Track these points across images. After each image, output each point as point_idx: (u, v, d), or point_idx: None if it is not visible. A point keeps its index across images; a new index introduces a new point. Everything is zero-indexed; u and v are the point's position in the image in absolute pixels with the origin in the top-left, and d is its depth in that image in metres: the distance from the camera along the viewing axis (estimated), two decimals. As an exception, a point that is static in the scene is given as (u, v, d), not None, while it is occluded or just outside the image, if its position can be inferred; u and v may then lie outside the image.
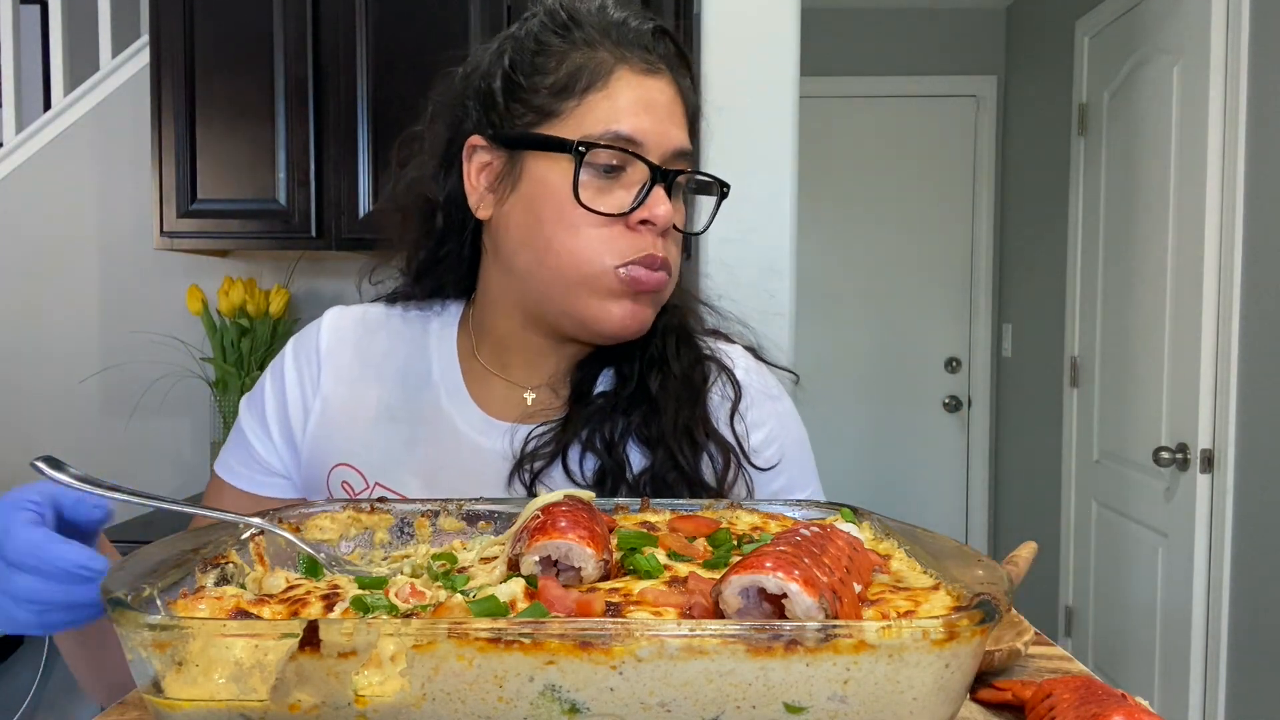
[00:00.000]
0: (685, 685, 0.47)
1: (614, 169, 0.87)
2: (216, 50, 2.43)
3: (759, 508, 0.77)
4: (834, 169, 4.18)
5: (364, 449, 0.96)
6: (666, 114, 0.89)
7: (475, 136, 0.92)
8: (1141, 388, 2.85)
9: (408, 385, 0.98)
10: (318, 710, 0.48)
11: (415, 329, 1.01)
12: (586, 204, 0.86)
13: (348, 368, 0.99)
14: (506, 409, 0.96)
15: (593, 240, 0.87)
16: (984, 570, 0.56)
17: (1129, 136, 2.96)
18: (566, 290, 0.89)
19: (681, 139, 0.91)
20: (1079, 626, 3.35)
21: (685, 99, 0.93)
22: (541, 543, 0.60)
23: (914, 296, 4.31)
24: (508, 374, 0.98)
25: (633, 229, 0.88)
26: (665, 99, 0.90)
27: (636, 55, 0.89)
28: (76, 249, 2.77)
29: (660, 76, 0.91)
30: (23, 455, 0.83)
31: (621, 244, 0.87)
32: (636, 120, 0.87)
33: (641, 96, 0.88)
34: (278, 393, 0.99)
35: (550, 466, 0.91)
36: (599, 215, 0.87)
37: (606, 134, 0.87)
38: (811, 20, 2.30)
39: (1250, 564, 2.37)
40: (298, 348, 1.01)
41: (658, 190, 0.87)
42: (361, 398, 0.97)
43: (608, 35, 0.89)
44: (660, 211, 0.87)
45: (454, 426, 0.96)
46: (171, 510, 0.67)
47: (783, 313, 2.00)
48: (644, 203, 0.87)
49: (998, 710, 0.62)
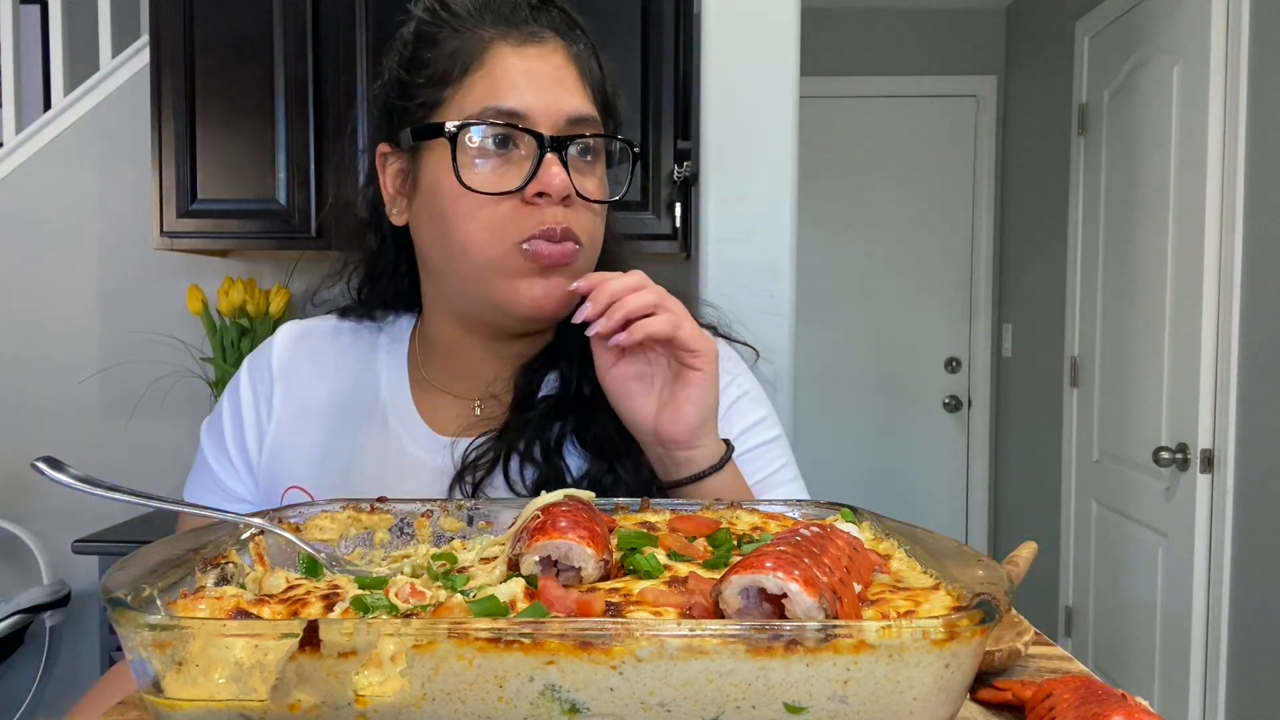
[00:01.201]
0: (685, 685, 0.47)
1: (503, 145, 0.85)
2: (216, 50, 2.43)
3: (759, 508, 0.77)
4: (834, 169, 4.18)
5: (314, 469, 0.95)
6: (553, 81, 0.87)
7: (383, 144, 0.93)
8: (1141, 388, 2.85)
9: (356, 404, 0.98)
10: (318, 710, 0.48)
11: (365, 344, 1.01)
12: (473, 186, 0.85)
13: (300, 386, 0.99)
14: (454, 423, 0.95)
15: (490, 221, 0.85)
16: (984, 570, 0.56)
17: (1129, 136, 2.96)
18: (477, 278, 0.88)
19: (576, 105, 0.87)
20: (1079, 626, 3.35)
21: (579, 64, 0.90)
22: (541, 543, 0.60)
23: (914, 296, 4.31)
24: (455, 386, 0.97)
25: (530, 203, 0.85)
26: (550, 67, 0.87)
27: (513, 28, 0.88)
28: (76, 249, 2.77)
29: (543, 44, 0.88)
30: (23, 455, 0.83)
31: (520, 220, 0.85)
32: (516, 92, 0.85)
33: (521, 68, 0.86)
34: (235, 416, 0.99)
35: (490, 477, 0.90)
36: (489, 195, 0.85)
37: (486, 111, 0.85)
38: (811, 20, 2.30)
39: (1250, 564, 2.37)
40: (252, 368, 1.01)
41: (549, 160, 0.85)
42: (312, 419, 0.97)
43: (484, 15, 0.88)
44: (555, 182, 0.84)
45: (401, 445, 0.95)
46: (171, 510, 0.67)
47: (783, 313, 2.00)
48: (535, 175, 0.84)
49: (998, 710, 0.62)
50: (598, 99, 0.91)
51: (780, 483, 0.98)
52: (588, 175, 0.89)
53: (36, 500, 2.74)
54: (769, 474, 0.98)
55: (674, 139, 2.36)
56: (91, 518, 2.56)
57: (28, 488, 2.72)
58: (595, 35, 0.95)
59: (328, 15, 2.42)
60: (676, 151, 2.36)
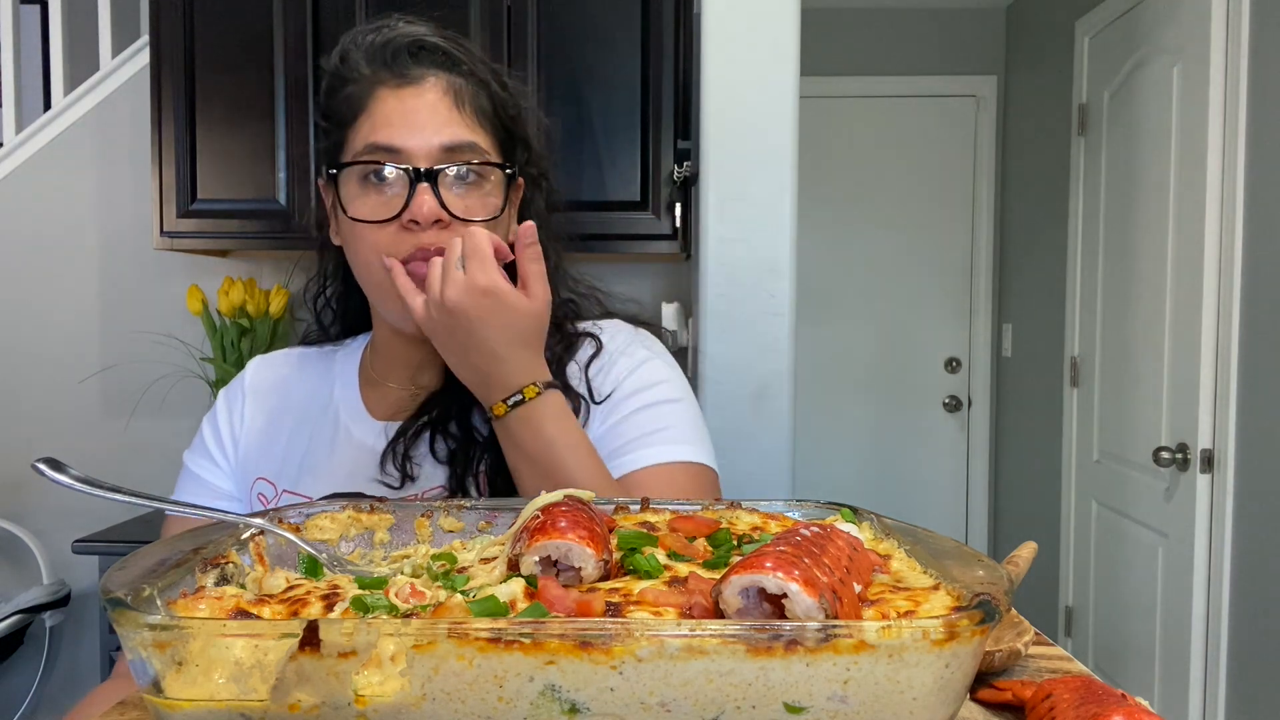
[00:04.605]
0: (685, 685, 0.47)
1: (382, 179, 0.96)
2: (216, 50, 2.43)
3: (759, 507, 0.77)
4: (834, 169, 4.18)
5: (278, 463, 1.08)
6: (429, 116, 0.97)
7: (320, 178, 1.05)
8: (1141, 388, 2.85)
9: (314, 407, 1.11)
10: (318, 710, 0.48)
11: (325, 362, 1.15)
12: (356, 216, 0.97)
13: (267, 403, 1.12)
14: (397, 411, 1.07)
15: (375, 246, 0.97)
16: (984, 570, 0.56)
17: (1129, 136, 2.96)
18: (373, 294, 1.03)
19: (451, 134, 0.97)
20: (1079, 626, 3.35)
21: (461, 95, 0.99)
22: (541, 543, 0.60)
23: (914, 296, 4.31)
24: (393, 377, 1.09)
25: (407, 228, 0.96)
26: (426, 103, 0.97)
27: (393, 72, 0.98)
28: (76, 249, 2.77)
29: (421, 83, 0.98)
30: (23, 455, 0.83)
31: (398, 245, 0.96)
32: (390, 130, 0.96)
33: (398, 108, 0.97)
34: (214, 431, 1.12)
35: (413, 449, 1.02)
36: (369, 224, 0.96)
37: (366, 149, 0.97)
38: (811, 20, 2.30)
39: (1250, 564, 2.37)
40: (227, 394, 1.15)
41: (420, 189, 0.95)
42: (277, 425, 1.11)
43: (373, 63, 0.99)
44: (423, 209, 0.94)
45: (349, 435, 1.07)
46: (171, 510, 0.67)
47: (782, 313, 2.00)
48: (407, 204, 0.95)
49: (998, 710, 0.62)
50: (486, 124, 1.01)
51: (657, 442, 1.02)
52: (467, 197, 0.98)
53: (36, 500, 2.74)
54: (648, 432, 1.03)
55: (674, 139, 2.36)
56: (91, 518, 2.56)
57: (28, 488, 2.72)
58: (594, 34, 0.99)
59: (328, 15, 2.42)
60: (676, 151, 2.36)
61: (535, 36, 2.36)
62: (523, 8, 2.36)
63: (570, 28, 2.36)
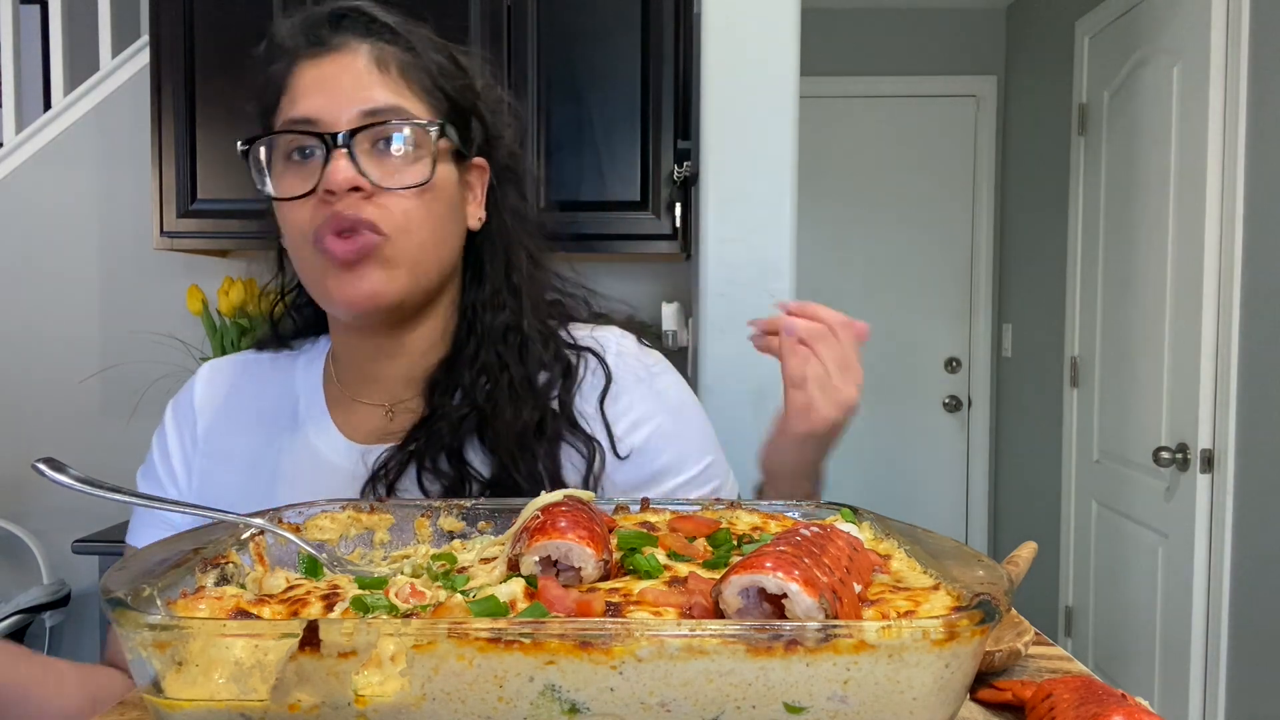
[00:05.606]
0: (685, 685, 0.47)
1: (302, 154, 0.89)
2: (216, 50, 2.43)
3: (759, 507, 0.77)
4: (834, 169, 4.18)
5: (243, 484, 0.99)
6: (350, 84, 0.89)
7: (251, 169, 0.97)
8: (1141, 388, 2.85)
9: (277, 425, 1.01)
10: (318, 710, 0.48)
11: (283, 369, 1.05)
12: (275, 194, 0.90)
13: (221, 418, 1.02)
14: (369, 431, 0.98)
15: (298, 224, 0.89)
16: (984, 570, 0.56)
17: (1129, 136, 2.96)
18: (305, 280, 0.95)
19: (368, 99, 0.89)
20: (1079, 626, 3.35)
21: (385, 60, 0.91)
22: (541, 543, 0.60)
23: (914, 296, 4.31)
24: (363, 394, 1.00)
25: (325, 201, 0.87)
26: (345, 70, 0.90)
27: (314, 45, 0.91)
28: (76, 249, 2.77)
29: (340, 52, 0.91)
30: (23, 455, 0.83)
31: (315, 219, 0.88)
32: (308, 101, 0.89)
33: (315, 78, 0.90)
34: (164, 458, 1.03)
35: (398, 482, 0.93)
36: (288, 200, 0.89)
37: (284, 123, 0.90)
38: (811, 20, 2.30)
39: (1250, 564, 2.37)
40: (176, 409, 1.05)
41: (334, 155, 0.86)
42: (235, 444, 1.01)
43: (295, 39, 0.92)
44: (337, 177, 0.86)
45: (318, 453, 0.98)
46: (171, 511, 0.67)
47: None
48: (324, 173, 0.87)
49: (998, 710, 0.62)
50: (421, 91, 0.92)
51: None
52: (391, 163, 0.89)
53: (36, 500, 2.73)
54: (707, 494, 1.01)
55: (674, 139, 2.36)
56: (91, 518, 2.56)
57: (28, 488, 2.72)
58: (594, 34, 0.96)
59: (328, 15, 2.42)
60: (676, 151, 2.36)
61: (535, 36, 2.36)
62: (523, 8, 2.35)
63: (570, 28, 2.36)
